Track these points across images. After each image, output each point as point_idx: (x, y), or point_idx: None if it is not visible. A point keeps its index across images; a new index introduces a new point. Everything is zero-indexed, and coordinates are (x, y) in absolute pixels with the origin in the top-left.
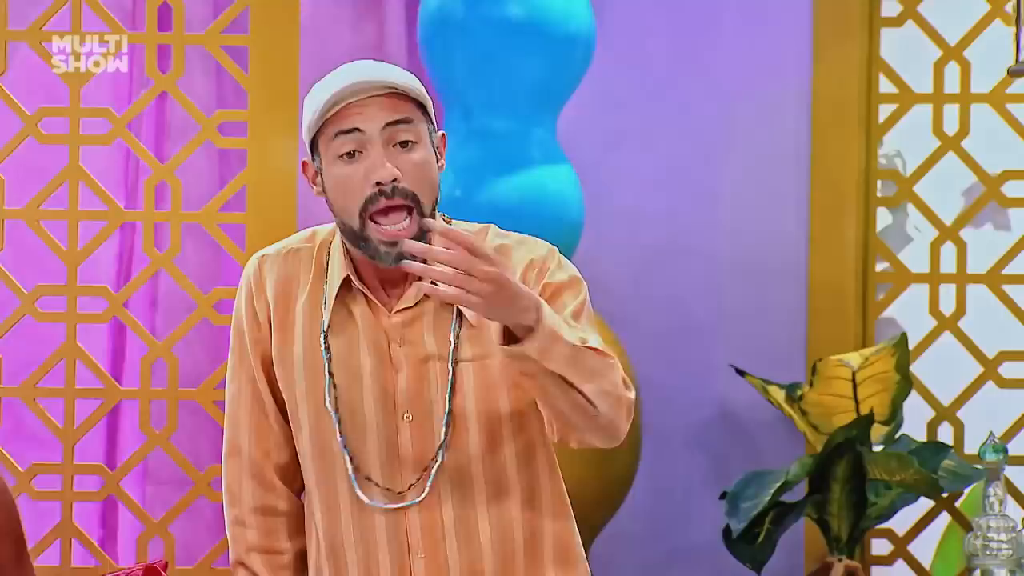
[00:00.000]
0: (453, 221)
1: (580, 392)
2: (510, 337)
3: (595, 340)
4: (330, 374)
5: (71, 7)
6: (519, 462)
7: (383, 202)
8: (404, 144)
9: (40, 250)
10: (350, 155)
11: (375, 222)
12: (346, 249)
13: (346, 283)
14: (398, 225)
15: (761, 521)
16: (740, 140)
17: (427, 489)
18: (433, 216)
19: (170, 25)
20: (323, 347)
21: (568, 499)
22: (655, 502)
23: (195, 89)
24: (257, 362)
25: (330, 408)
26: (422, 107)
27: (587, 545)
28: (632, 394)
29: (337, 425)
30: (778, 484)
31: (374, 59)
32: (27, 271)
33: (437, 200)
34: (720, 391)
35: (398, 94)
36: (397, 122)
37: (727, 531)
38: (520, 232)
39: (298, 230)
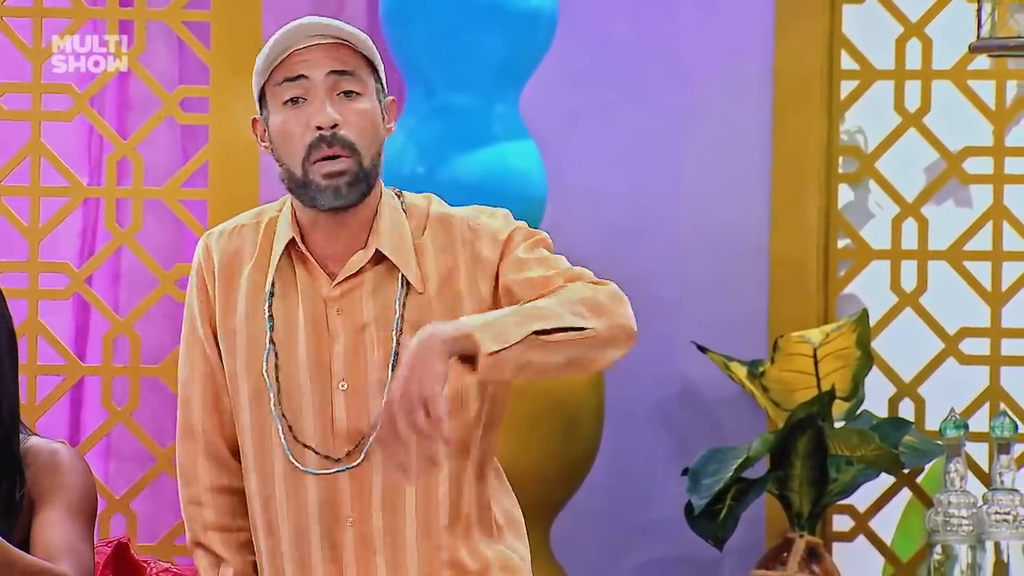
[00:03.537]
0: (404, 195)
1: (566, 329)
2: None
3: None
4: (271, 341)
5: None
6: (455, 435)
7: (324, 149)
8: (348, 94)
9: (2, 226)
10: (294, 101)
11: (317, 163)
12: (294, 214)
13: (290, 250)
14: (336, 165)
15: (723, 497)
16: (702, 117)
17: (361, 457)
18: (376, 171)
19: (132, 1)
20: (267, 314)
21: (502, 474)
22: (617, 479)
23: (157, 65)
24: (209, 339)
25: (267, 376)
26: (371, 65)
27: (549, 522)
28: (610, 285)
29: (275, 394)
30: (740, 460)
31: None
32: None
33: (380, 155)
34: (682, 368)
35: (345, 46)
36: (342, 72)
37: (689, 507)
38: (484, 207)
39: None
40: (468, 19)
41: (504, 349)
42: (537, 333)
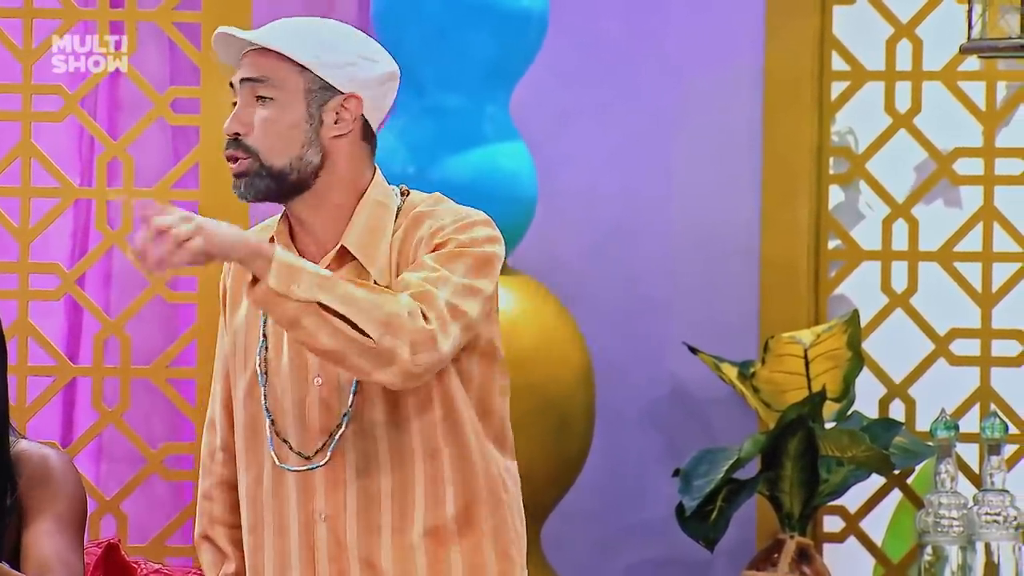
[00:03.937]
0: (412, 193)
1: (343, 319)
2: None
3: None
4: (264, 336)
5: None
6: (423, 435)
7: (229, 152)
8: (260, 99)
9: None
10: (233, 105)
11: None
12: (285, 215)
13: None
14: (237, 167)
15: (714, 498)
16: (693, 118)
17: (328, 455)
18: (297, 170)
19: (123, 2)
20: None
21: (489, 473)
22: (608, 479)
23: (148, 66)
24: (226, 336)
25: (259, 368)
26: (301, 66)
27: (540, 523)
28: (431, 327)
29: (263, 386)
30: (731, 461)
31: None
32: None
33: (300, 157)
34: (673, 369)
35: (264, 50)
36: (251, 79)
37: (680, 508)
38: (474, 207)
39: (250, 208)
40: (459, 19)
41: (282, 295)
42: (322, 306)
